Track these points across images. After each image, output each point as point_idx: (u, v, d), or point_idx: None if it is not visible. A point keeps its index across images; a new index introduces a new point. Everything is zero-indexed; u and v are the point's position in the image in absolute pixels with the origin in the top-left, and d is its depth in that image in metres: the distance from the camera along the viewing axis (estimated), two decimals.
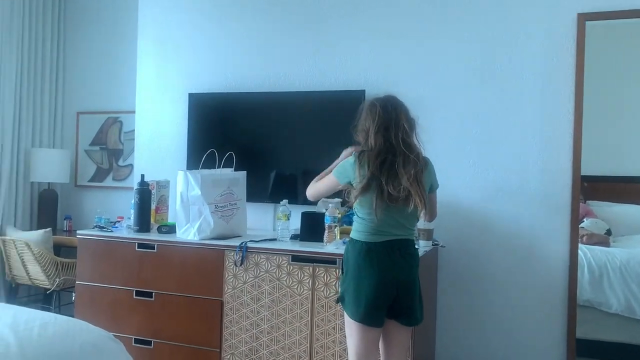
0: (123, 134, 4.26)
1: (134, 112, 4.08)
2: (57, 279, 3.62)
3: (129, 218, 3.44)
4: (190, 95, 3.51)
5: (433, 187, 2.26)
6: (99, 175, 4.34)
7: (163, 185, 3.33)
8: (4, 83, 3.94)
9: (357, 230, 2.17)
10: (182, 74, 3.62)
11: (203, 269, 2.86)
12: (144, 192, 3.13)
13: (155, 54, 3.69)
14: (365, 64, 3.19)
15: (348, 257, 2.17)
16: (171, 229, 3.07)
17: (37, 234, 3.68)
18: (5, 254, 3.76)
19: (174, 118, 3.63)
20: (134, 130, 4.14)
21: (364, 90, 3.05)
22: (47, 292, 3.73)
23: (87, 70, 4.36)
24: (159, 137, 3.68)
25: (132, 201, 3.24)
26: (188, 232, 2.92)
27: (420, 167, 2.09)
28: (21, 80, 4.08)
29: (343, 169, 2.20)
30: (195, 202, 2.90)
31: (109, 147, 4.31)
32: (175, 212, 3.36)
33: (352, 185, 2.15)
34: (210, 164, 3.05)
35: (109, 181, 4.29)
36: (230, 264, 2.81)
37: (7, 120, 3.98)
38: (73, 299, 3.63)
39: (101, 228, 3.22)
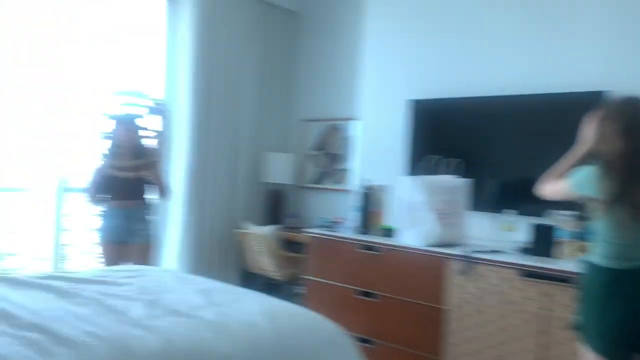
0: (342, 140, 4.49)
1: (353, 119, 4.30)
2: (285, 272, 3.97)
3: (349, 219, 3.64)
4: (411, 102, 3.55)
5: None
6: (321, 177, 4.61)
7: (383, 190, 3.40)
8: (244, 94, 4.41)
9: (600, 254, 1.92)
10: (403, 80, 3.68)
11: (425, 275, 2.87)
12: (367, 196, 3.26)
13: (379, 63, 3.81)
14: (601, 64, 2.89)
15: (589, 283, 1.95)
16: (392, 232, 3.15)
17: (268, 229, 4.06)
18: (243, 245, 4.25)
19: (394, 124, 3.70)
20: (353, 136, 4.38)
21: (600, 92, 2.76)
22: (275, 282, 4.10)
23: (313, 81, 4.67)
24: (379, 142, 3.79)
25: (354, 203, 3.42)
26: (410, 237, 2.97)
27: None
28: (256, 91, 4.52)
29: (582, 181, 1.95)
30: (418, 208, 2.93)
31: (330, 152, 4.57)
32: (393, 216, 3.47)
33: (591, 198, 1.93)
34: (431, 170, 3.05)
35: (329, 183, 4.54)
36: (452, 272, 2.77)
37: (244, 127, 4.44)
38: (300, 291, 3.97)
39: (326, 227, 3.44)
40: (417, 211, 2.94)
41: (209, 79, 4.12)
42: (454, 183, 2.98)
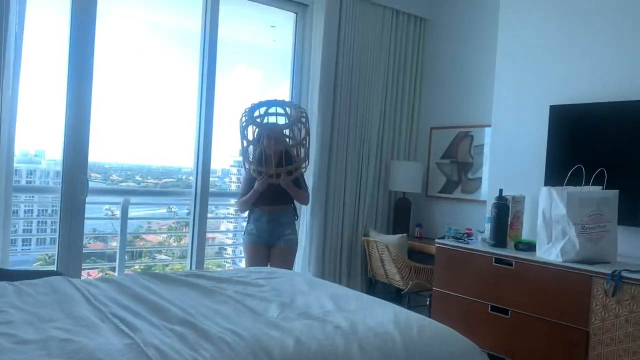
0: (473, 148, 4.37)
1: (484, 126, 4.20)
2: (410, 282, 3.94)
3: (480, 231, 3.54)
4: (552, 108, 3.38)
5: None
6: (448, 186, 4.54)
7: (518, 201, 3.31)
8: (372, 101, 4.46)
9: None
10: (541, 85, 3.52)
11: (565, 294, 2.70)
12: (502, 207, 3.15)
13: (514, 67, 3.69)
14: None
15: None
16: (529, 247, 3.00)
17: (394, 238, 4.07)
18: (368, 252, 4.27)
19: (532, 131, 3.55)
20: (483, 145, 4.26)
21: None
22: (400, 291, 4.08)
23: (442, 88, 4.63)
24: (514, 150, 3.66)
25: (488, 215, 3.34)
26: (550, 252, 2.81)
27: None
28: (385, 98, 4.56)
29: None
30: (559, 221, 2.77)
31: (459, 161, 4.48)
32: (530, 229, 3.34)
33: None
34: (573, 180, 2.87)
35: (457, 193, 4.46)
36: (599, 292, 2.57)
37: (372, 134, 4.48)
38: (427, 302, 3.92)
39: (457, 239, 3.37)
40: (558, 224, 2.78)
41: (338, 87, 4.22)
42: (600, 195, 2.77)
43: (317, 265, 4.15)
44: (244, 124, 3.29)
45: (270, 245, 3.45)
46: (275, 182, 3.31)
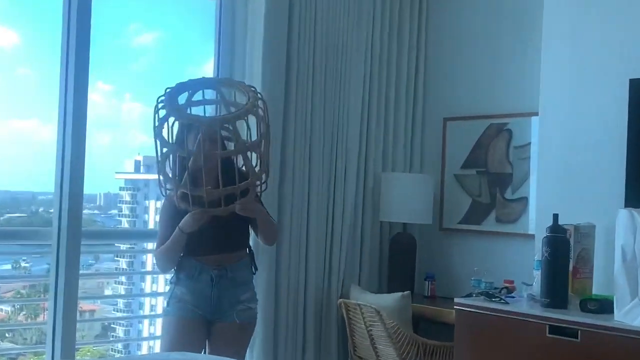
0: (512, 150, 4.38)
1: (529, 114, 4.23)
2: None
3: (526, 284, 3.53)
4: (633, 83, 3.41)
5: None
6: (475, 213, 4.54)
7: (585, 234, 3.32)
8: (353, 86, 4.49)
9: None
10: (615, 52, 3.57)
11: None
12: (559, 243, 3.16)
13: (571, 25, 3.74)
14: None
15: None
16: (604, 307, 3.01)
17: (390, 299, 4.02)
18: (349, 323, 4.21)
19: (602, 121, 3.59)
20: (529, 145, 4.28)
21: None
22: None
23: (458, 61, 4.69)
24: (575, 153, 3.68)
25: (537, 257, 3.33)
26: (636, 314, 2.82)
27: None
28: (370, 80, 4.60)
29: None
30: None
31: (490, 171, 4.48)
32: (605, 277, 3.35)
33: None
34: None
35: (490, 223, 4.45)
36: None
37: (353, 135, 4.50)
38: None
39: (490, 297, 3.35)
40: None
41: (293, 62, 4.25)
42: None
43: (265, 344, 4.11)
44: (160, 117, 3.16)
45: (213, 320, 3.38)
46: (223, 214, 3.21)
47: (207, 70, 4.30)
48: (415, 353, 3.90)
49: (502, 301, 3.31)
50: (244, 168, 3.29)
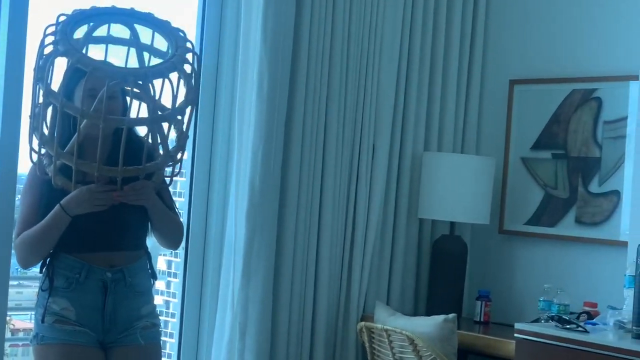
0: (602, 127, 4.34)
1: (625, 78, 4.21)
2: None
3: (613, 308, 3.51)
4: None
5: None
6: (549, 211, 4.51)
7: None
8: (386, 37, 4.51)
9: None
10: None
11: None
12: None
13: None
14: None
15: None
16: None
17: (429, 324, 3.97)
18: (372, 354, 4.19)
19: None
20: (625, 119, 4.24)
21: None
22: None
23: (529, 7, 4.70)
24: None
25: (630, 272, 3.33)
26: None
27: None
28: (410, 29, 4.61)
29: None
30: None
31: (571, 154, 4.45)
32: None
33: None
34: None
35: (568, 225, 4.42)
36: None
37: (385, 101, 4.51)
38: None
39: (562, 322, 3.33)
40: None
41: (313, 7, 4.27)
42: None
43: None
44: (48, 52, 3.12)
45: (109, 344, 3.32)
46: (116, 201, 3.17)
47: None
48: None
49: (581, 329, 3.29)
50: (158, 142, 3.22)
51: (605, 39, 4.36)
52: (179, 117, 3.15)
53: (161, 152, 3.18)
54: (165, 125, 3.17)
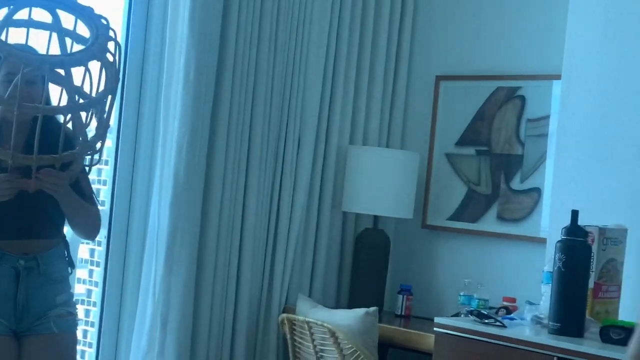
0: (525, 124, 4.41)
1: (549, 77, 4.27)
2: None
3: (531, 303, 3.56)
4: None
5: None
6: (472, 206, 4.58)
7: (613, 239, 3.34)
8: (314, 29, 4.52)
9: None
10: None
11: None
12: (578, 251, 3.16)
13: None
14: None
15: None
16: (629, 336, 3.02)
17: (350, 317, 4.01)
18: (293, 346, 4.22)
19: None
20: (547, 117, 4.31)
21: None
22: None
23: (457, 4, 4.74)
24: (607, 130, 3.71)
25: (547, 268, 3.36)
26: None
27: None
28: (338, 24, 4.63)
29: None
30: None
31: (495, 151, 4.51)
32: (635, 297, 3.41)
33: None
34: None
35: (489, 221, 4.49)
36: None
37: (311, 94, 4.53)
38: None
39: (481, 317, 3.35)
40: None
41: (241, 3, 4.27)
42: None
43: None
44: None
45: (22, 333, 3.27)
46: (31, 189, 3.11)
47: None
48: None
49: (499, 324, 3.30)
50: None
51: (530, 38, 4.42)
52: (98, 106, 3.11)
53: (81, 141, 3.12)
54: (84, 114, 3.13)
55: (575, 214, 3.19)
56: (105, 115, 3.14)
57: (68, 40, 3.31)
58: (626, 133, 3.67)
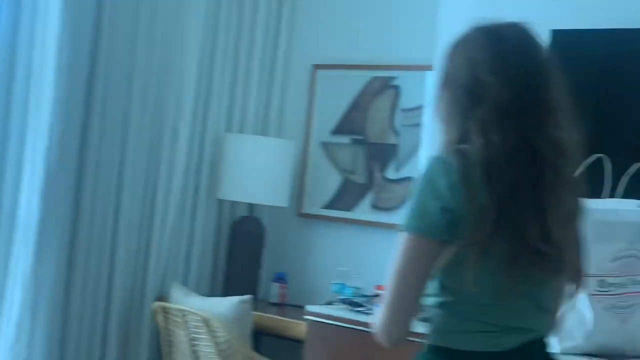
0: (399, 114, 4.48)
1: (422, 68, 4.30)
2: None
3: None
4: (557, 35, 3.53)
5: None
6: (346, 195, 4.63)
7: None
8: (189, 19, 4.52)
9: (450, 330, 2.16)
10: (534, 1, 3.72)
11: None
12: None
13: None
14: None
15: None
16: None
17: (225, 305, 4.04)
18: (167, 334, 4.21)
19: None
20: (420, 108, 4.37)
21: None
22: None
23: (330, 1, 4.79)
24: None
25: None
26: None
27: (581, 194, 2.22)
28: (215, 14, 4.64)
29: (427, 194, 2.07)
30: None
31: (370, 140, 4.58)
32: None
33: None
34: (591, 184, 3.00)
35: (364, 210, 4.56)
36: None
37: (186, 79, 4.52)
38: None
39: (353, 305, 3.43)
40: None
41: None
42: (638, 218, 2.93)
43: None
44: None
45: None
46: None
47: None
48: None
49: (370, 313, 3.35)
50: None
51: (405, 29, 4.49)
52: None
53: None
54: None
55: None
56: None
57: None
58: None
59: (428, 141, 4.10)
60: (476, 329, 2.12)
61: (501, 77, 2.12)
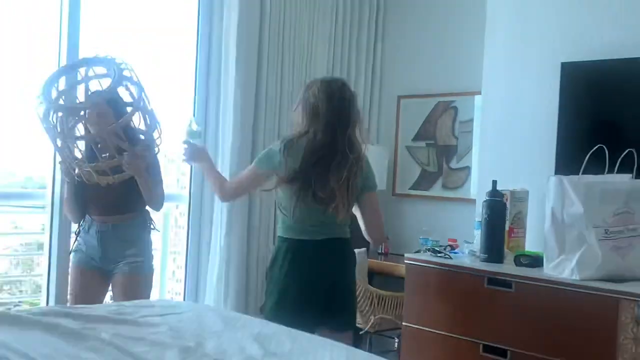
0: (458, 125, 4.47)
1: (472, 93, 4.33)
2: (372, 317, 3.96)
3: (468, 242, 3.60)
4: (565, 67, 3.48)
5: (364, 190, 2.99)
6: (425, 180, 4.64)
7: (520, 198, 3.35)
8: (316, 62, 4.53)
9: (282, 226, 2.97)
10: (547, 35, 3.64)
11: (584, 324, 2.78)
12: (497, 207, 3.20)
13: (511, 12, 3.81)
14: None
15: (274, 258, 2.98)
16: (535, 261, 3.07)
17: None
18: None
19: (537, 100, 3.65)
20: (472, 120, 4.38)
21: None
22: (359, 332, 4.04)
23: (411, 44, 4.77)
24: (512, 127, 3.75)
25: (477, 218, 3.38)
26: (562, 268, 2.87)
27: (355, 170, 2.86)
28: (333, 62, 4.65)
29: (267, 157, 2.94)
30: (574, 224, 2.83)
31: (439, 143, 4.57)
32: (537, 236, 3.41)
33: (275, 174, 2.89)
34: (594, 166, 2.96)
35: (437, 189, 4.56)
36: (628, 320, 2.68)
37: None
38: (395, 346, 3.96)
39: (436, 253, 3.41)
40: (573, 228, 2.84)
41: (263, 55, 4.27)
42: (630, 186, 2.87)
43: (237, 297, 4.15)
44: (44, 113, 2.96)
45: (110, 271, 3.34)
46: (109, 181, 3.08)
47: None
48: (370, 303, 3.95)
49: (447, 256, 3.35)
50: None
51: (460, 67, 4.45)
52: (141, 111, 3.08)
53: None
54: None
55: (494, 183, 3.24)
56: (147, 116, 3.09)
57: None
58: (525, 128, 3.72)
59: (476, 143, 4.10)
60: (295, 228, 2.91)
61: (329, 105, 2.82)
